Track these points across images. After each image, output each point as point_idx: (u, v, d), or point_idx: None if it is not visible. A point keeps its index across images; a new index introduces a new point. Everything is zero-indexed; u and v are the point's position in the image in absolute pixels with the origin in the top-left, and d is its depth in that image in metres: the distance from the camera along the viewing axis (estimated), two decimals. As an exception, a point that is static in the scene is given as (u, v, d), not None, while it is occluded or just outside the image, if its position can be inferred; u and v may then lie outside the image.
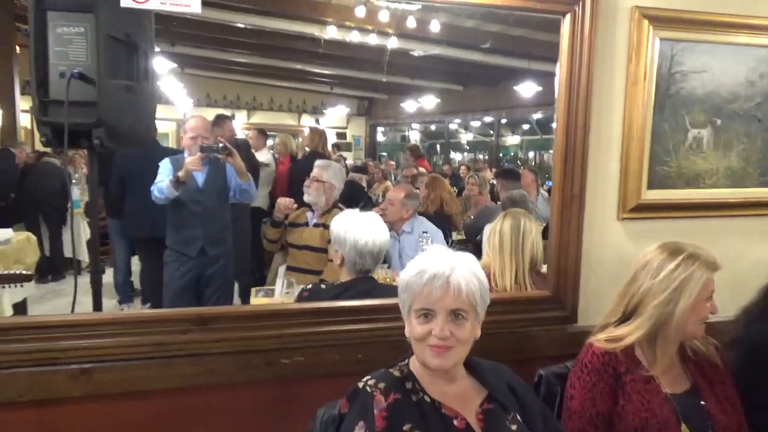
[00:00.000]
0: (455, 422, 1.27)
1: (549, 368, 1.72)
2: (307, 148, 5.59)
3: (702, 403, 1.48)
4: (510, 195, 3.40)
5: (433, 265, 1.29)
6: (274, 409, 1.77)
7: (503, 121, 12.21)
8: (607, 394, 1.47)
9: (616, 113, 1.96)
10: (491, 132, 13.30)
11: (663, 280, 1.47)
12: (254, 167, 4.84)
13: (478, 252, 3.18)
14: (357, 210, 2.16)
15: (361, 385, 1.31)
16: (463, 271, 1.29)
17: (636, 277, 1.55)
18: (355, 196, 4.45)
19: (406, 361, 1.39)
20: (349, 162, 9.78)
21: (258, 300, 2.85)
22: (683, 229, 2.04)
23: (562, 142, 1.90)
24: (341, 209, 3.22)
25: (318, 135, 5.31)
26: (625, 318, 1.54)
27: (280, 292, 2.82)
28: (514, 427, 1.30)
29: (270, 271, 4.14)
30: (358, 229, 2.06)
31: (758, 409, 1.55)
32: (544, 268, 2.43)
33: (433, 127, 14.48)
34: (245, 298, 4.29)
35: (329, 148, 7.12)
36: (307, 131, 6.14)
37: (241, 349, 1.71)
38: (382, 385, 1.30)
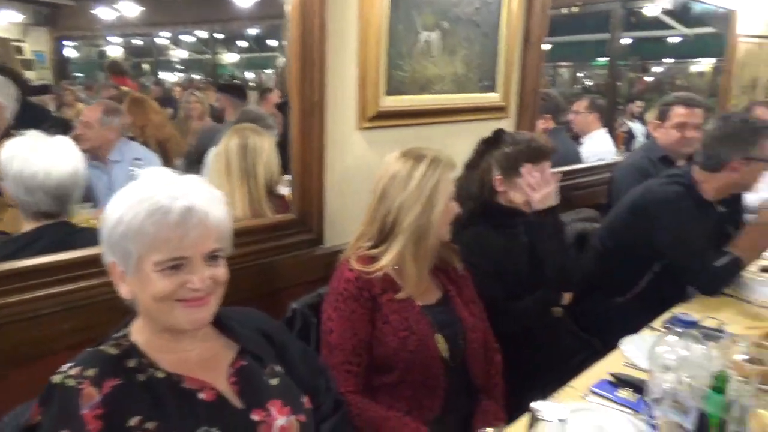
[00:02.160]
0: (201, 395, 0.98)
1: (302, 300, 1.54)
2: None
3: (453, 309, 1.47)
4: (245, 111, 3.02)
5: (170, 196, 0.94)
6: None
7: (219, 36, 11.32)
8: (366, 320, 1.35)
9: (351, 11, 1.77)
10: (206, 49, 12.30)
11: (415, 191, 1.38)
12: None
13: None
14: (39, 132, 1.58)
15: (57, 379, 0.91)
16: (207, 197, 0.99)
17: (386, 192, 1.41)
18: (36, 120, 3.50)
19: (123, 332, 1.03)
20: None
21: None
22: (419, 137, 2.02)
23: (298, 44, 1.64)
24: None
25: (-1, 44, 4.01)
26: (383, 239, 1.42)
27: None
28: (274, 382, 1.08)
29: None
30: (27, 155, 1.50)
31: None
32: (284, 190, 2.21)
33: (139, 43, 12.73)
34: None
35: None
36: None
37: None
38: (91, 373, 0.92)
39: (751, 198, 2.26)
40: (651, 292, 2.08)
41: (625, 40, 6.70)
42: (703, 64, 9.74)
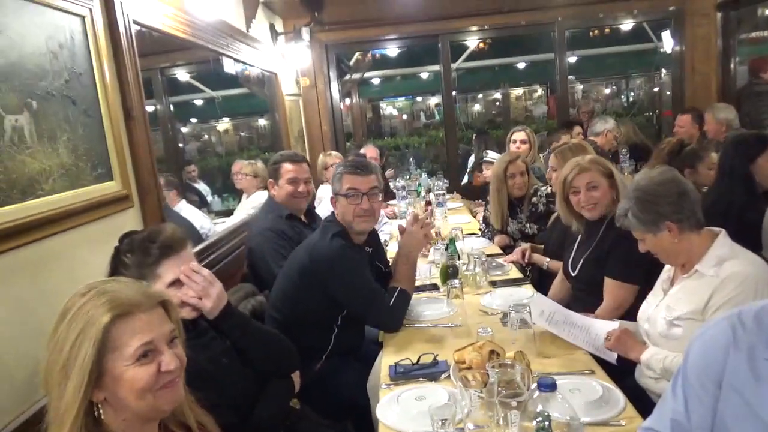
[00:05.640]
0: None
1: None
2: None
3: None
4: None
5: None
6: None
7: None
8: None
9: None
10: None
11: (58, 343, 0.96)
12: None
13: None
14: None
15: None
16: None
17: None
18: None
19: None
20: None
21: None
22: (41, 258, 1.45)
23: None
24: None
25: None
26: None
27: None
28: None
29: None
30: None
31: None
32: None
33: None
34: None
35: None
36: None
37: None
38: None
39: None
40: (341, 346, 2.07)
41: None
42: (225, 123, 10.69)
